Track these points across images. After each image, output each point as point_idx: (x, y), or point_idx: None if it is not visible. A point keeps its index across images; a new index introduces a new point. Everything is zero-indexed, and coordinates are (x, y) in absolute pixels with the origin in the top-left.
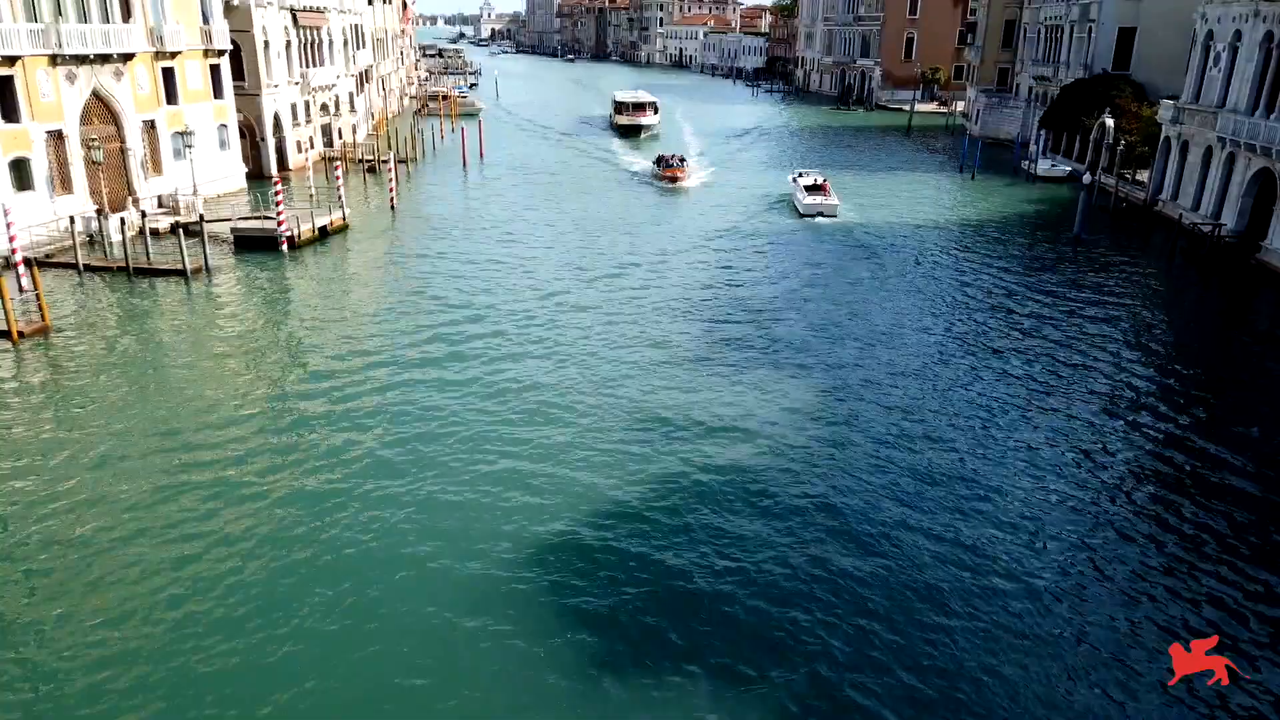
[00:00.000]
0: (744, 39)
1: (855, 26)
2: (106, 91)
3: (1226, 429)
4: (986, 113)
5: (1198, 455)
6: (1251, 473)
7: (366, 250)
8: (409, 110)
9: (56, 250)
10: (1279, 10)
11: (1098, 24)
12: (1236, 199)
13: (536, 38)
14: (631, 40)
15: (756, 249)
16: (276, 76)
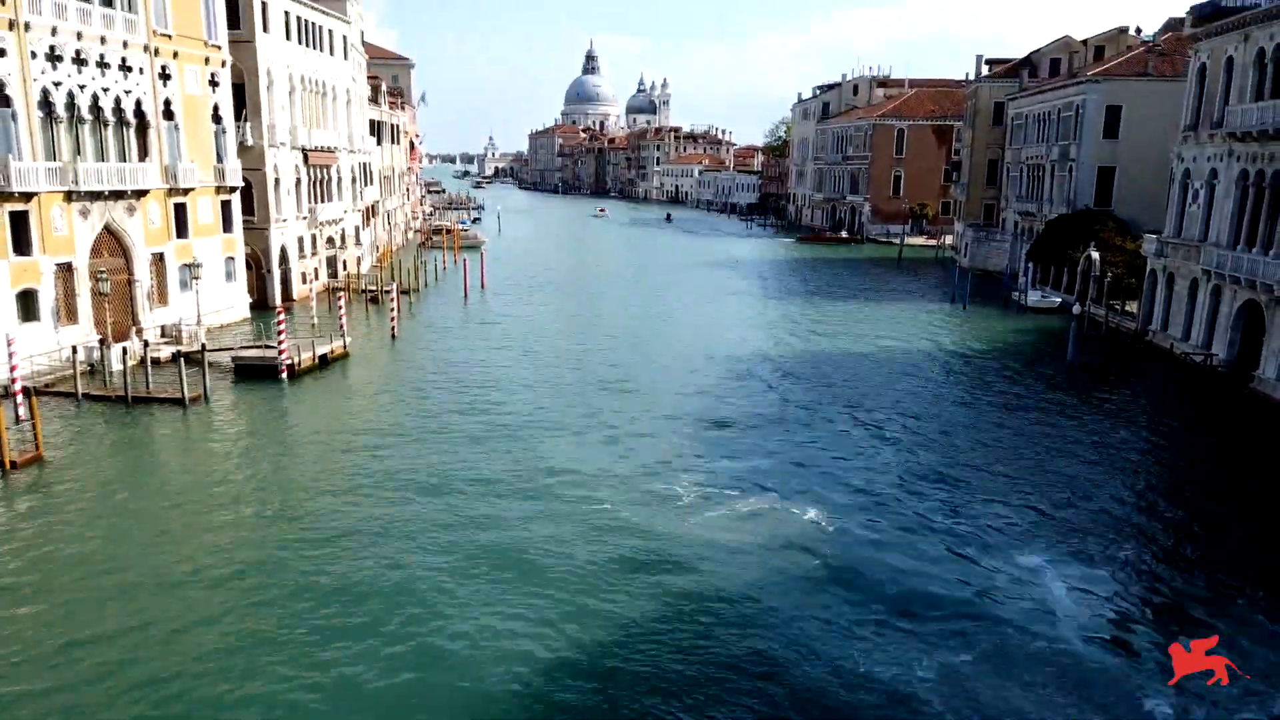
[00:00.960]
0: (738, 176)
1: (844, 165)
2: (118, 226)
3: (1227, 560)
4: (975, 246)
5: (1201, 585)
6: (1260, 605)
7: (365, 378)
8: (413, 243)
9: (57, 379)
10: (1252, 150)
11: (1077, 163)
12: (1226, 330)
13: (538, 175)
14: (630, 177)
15: (756, 374)
16: (285, 211)
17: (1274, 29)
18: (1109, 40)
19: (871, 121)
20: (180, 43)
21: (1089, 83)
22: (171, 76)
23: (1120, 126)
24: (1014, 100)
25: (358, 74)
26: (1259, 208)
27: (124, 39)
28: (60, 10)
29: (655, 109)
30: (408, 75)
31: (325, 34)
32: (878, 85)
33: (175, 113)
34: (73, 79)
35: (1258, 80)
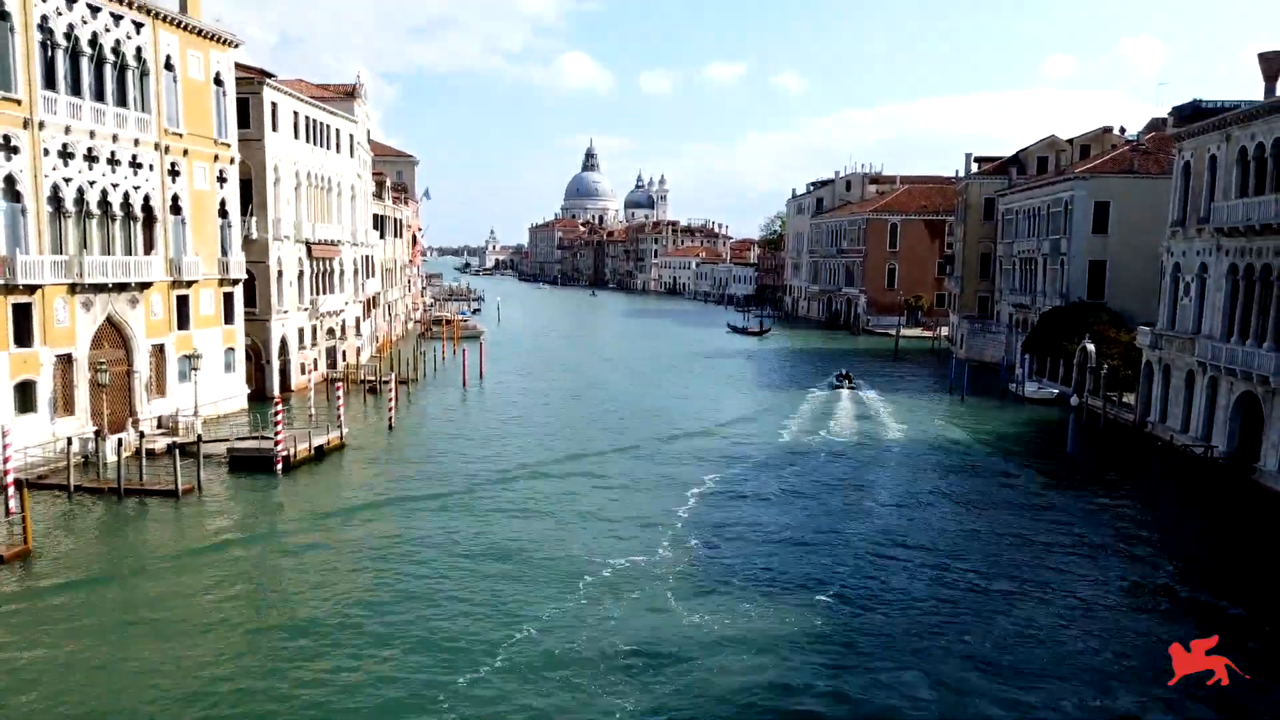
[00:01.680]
0: (734, 269)
1: (839, 259)
2: (120, 318)
3: (1235, 655)
4: (970, 338)
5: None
6: None
7: (360, 470)
8: (413, 334)
9: (50, 471)
10: (1240, 244)
11: (1069, 257)
12: (1224, 421)
13: (538, 267)
14: (628, 269)
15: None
16: (287, 303)
17: (1254, 129)
18: (1094, 139)
19: (865, 216)
20: (191, 141)
21: (1077, 180)
22: (181, 173)
23: (1109, 222)
24: (1004, 196)
25: (363, 170)
26: (1250, 300)
27: (136, 137)
28: (75, 110)
29: (653, 204)
30: (412, 171)
31: (333, 133)
32: (870, 182)
33: (183, 207)
34: (83, 175)
35: (1241, 177)
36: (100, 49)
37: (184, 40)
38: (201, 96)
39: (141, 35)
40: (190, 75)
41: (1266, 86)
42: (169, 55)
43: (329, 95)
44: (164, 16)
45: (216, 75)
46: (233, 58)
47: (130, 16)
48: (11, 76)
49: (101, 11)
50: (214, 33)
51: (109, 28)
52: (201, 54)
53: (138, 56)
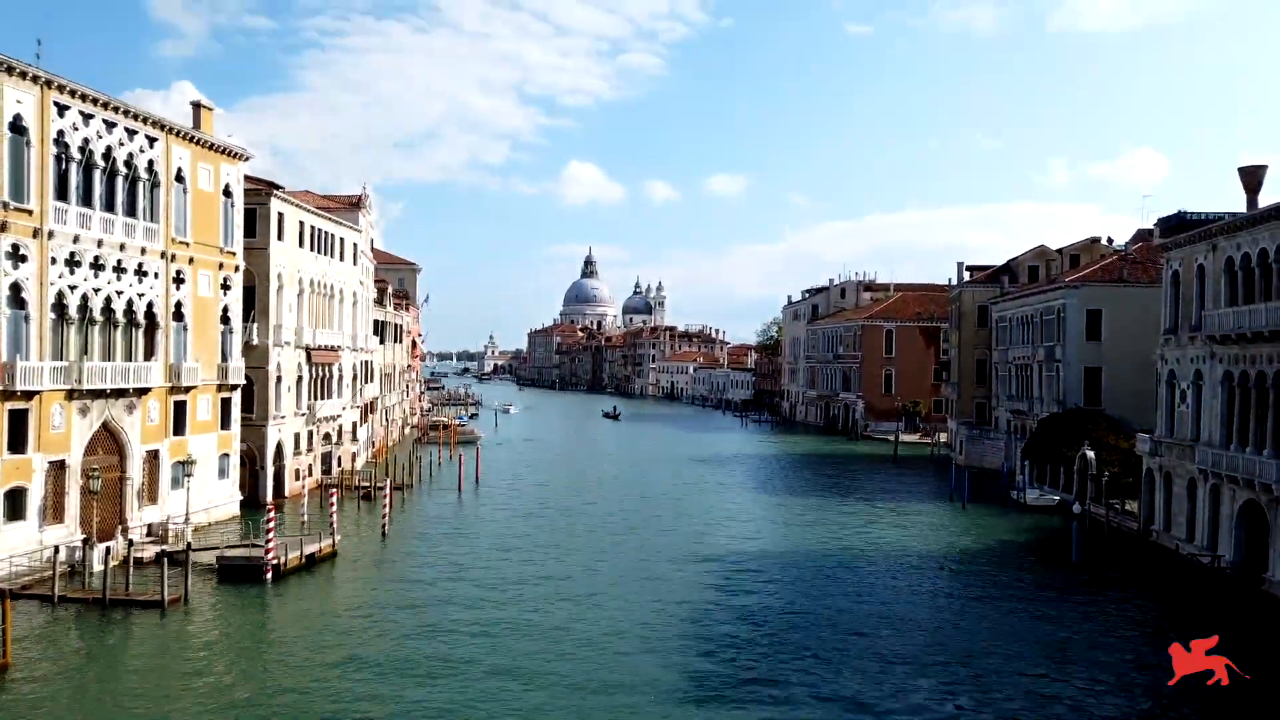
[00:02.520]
0: (732, 373)
1: (836, 364)
2: (116, 424)
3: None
4: (969, 444)
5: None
6: None
7: (351, 580)
8: (410, 439)
9: (35, 581)
10: (1233, 352)
11: (1064, 364)
12: (1229, 530)
13: (536, 372)
14: (626, 374)
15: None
16: (284, 409)
17: (1239, 239)
18: (1083, 249)
19: (860, 322)
20: (197, 249)
21: (1068, 288)
22: (185, 280)
23: (1102, 329)
24: (996, 304)
25: (365, 277)
26: (1247, 407)
27: (143, 245)
28: (84, 220)
29: (651, 309)
30: (414, 278)
31: (337, 241)
32: (864, 289)
33: (185, 314)
34: (88, 283)
35: (1230, 286)
36: (114, 162)
37: (196, 154)
38: (210, 207)
39: (155, 149)
40: (200, 187)
41: (1249, 199)
42: (180, 168)
43: (335, 205)
44: (178, 132)
45: (226, 187)
46: (242, 170)
47: (145, 132)
48: (25, 188)
49: (117, 127)
50: (225, 147)
51: (123, 142)
52: (212, 167)
53: (150, 169)
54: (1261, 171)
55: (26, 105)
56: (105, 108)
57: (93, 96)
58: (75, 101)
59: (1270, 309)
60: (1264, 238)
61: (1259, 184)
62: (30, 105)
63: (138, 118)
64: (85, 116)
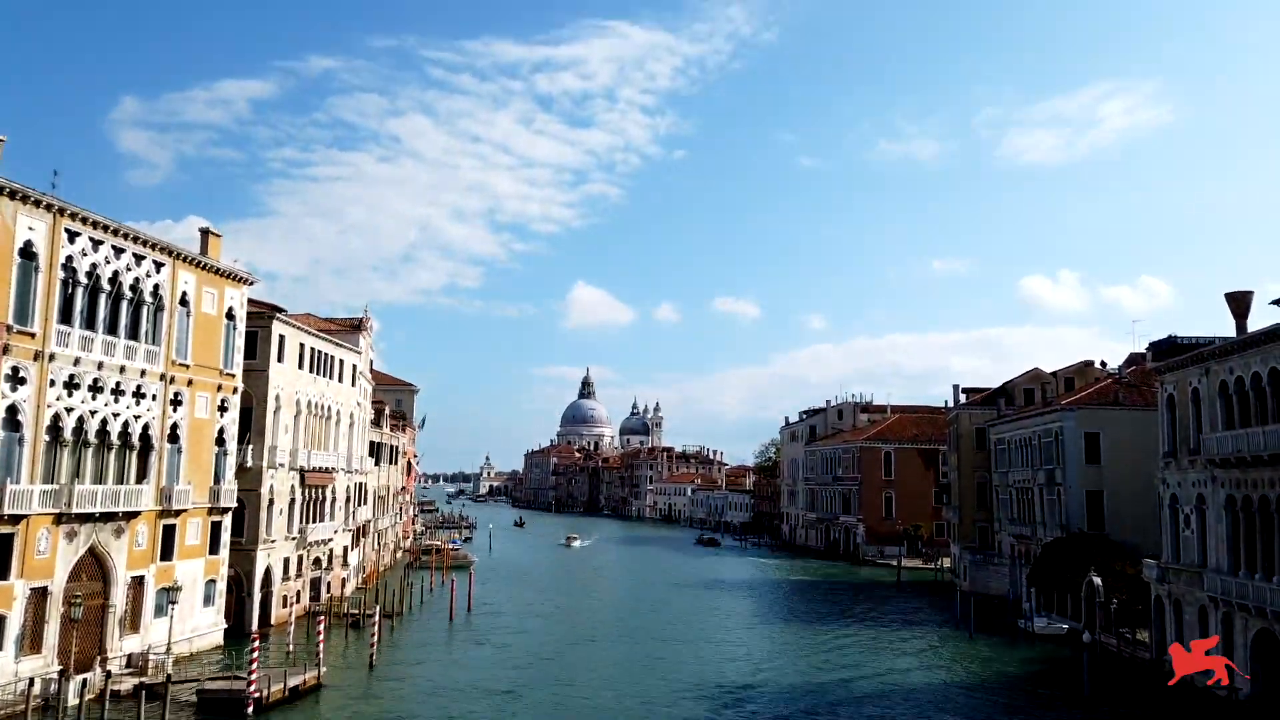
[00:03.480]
0: (730, 495)
1: (835, 486)
2: (103, 549)
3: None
4: (973, 569)
5: None
6: None
7: (335, 713)
8: (402, 563)
9: (7, 716)
10: (1234, 476)
11: (1065, 488)
12: (1244, 660)
13: (532, 493)
14: (623, 496)
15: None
16: (275, 533)
17: (1231, 363)
18: (1077, 372)
19: (859, 444)
20: (197, 371)
21: (1064, 411)
22: (183, 402)
23: (1101, 452)
24: (994, 426)
25: (363, 399)
26: (1253, 532)
27: (143, 368)
28: (86, 343)
29: (648, 430)
30: (411, 399)
31: (336, 363)
32: (861, 410)
33: (181, 436)
34: (86, 405)
35: (1225, 409)
36: (119, 286)
37: (201, 278)
38: (212, 330)
39: (161, 274)
40: (204, 310)
41: (1237, 324)
42: (186, 292)
43: (336, 328)
44: (185, 257)
45: (229, 310)
46: (246, 294)
47: (153, 257)
48: (30, 311)
49: (125, 252)
50: (230, 271)
51: (131, 267)
52: (216, 291)
53: (154, 293)
54: (1248, 297)
55: (38, 232)
56: (115, 234)
57: (104, 224)
58: (86, 228)
59: (1269, 432)
60: (1255, 361)
61: (1246, 309)
62: (42, 232)
63: (146, 243)
64: (95, 242)
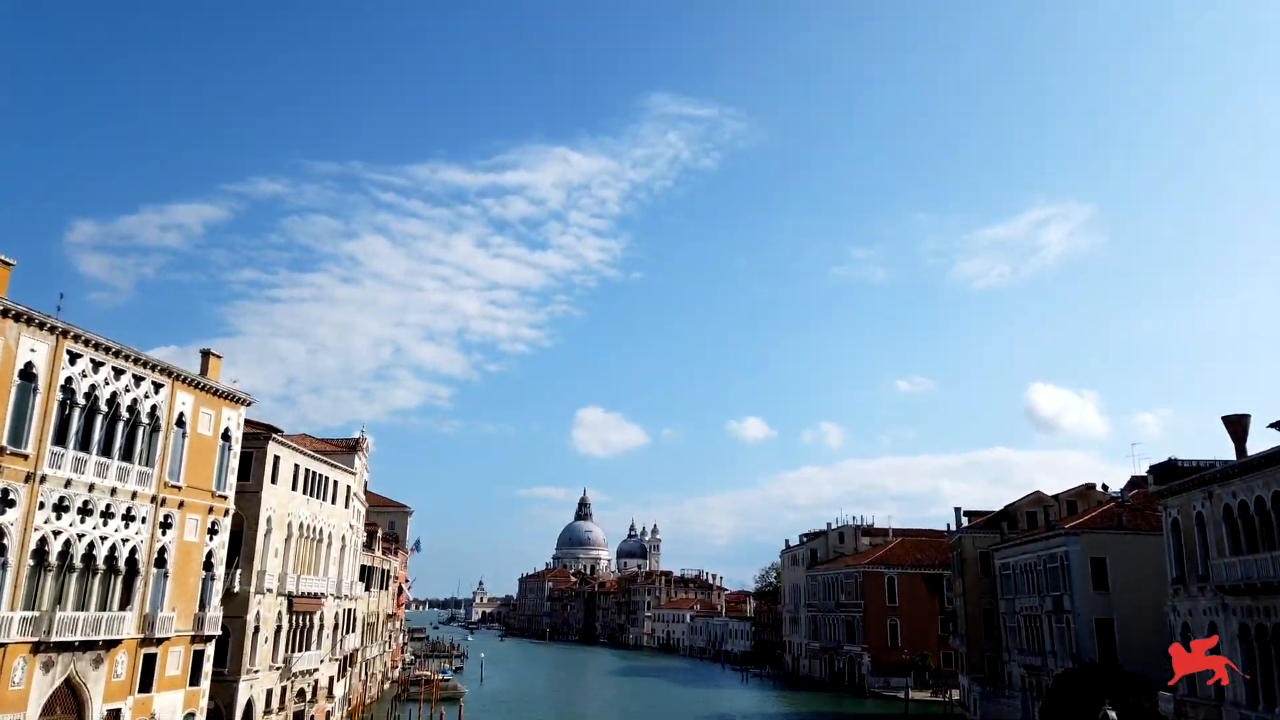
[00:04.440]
0: (730, 622)
1: (838, 612)
2: (79, 679)
3: None
4: (984, 702)
5: None
6: None
7: None
8: (390, 694)
9: None
10: (1245, 603)
11: (1073, 615)
12: None
13: (526, 620)
14: (620, 623)
15: None
16: (259, 662)
17: (1234, 486)
18: (1079, 495)
19: (861, 569)
20: (189, 493)
21: (1068, 535)
22: (173, 525)
23: (1108, 577)
24: (998, 551)
25: (356, 521)
26: (1269, 662)
27: (135, 490)
28: (79, 465)
29: (645, 553)
30: (405, 521)
31: (330, 484)
32: (862, 534)
33: (168, 560)
34: (74, 528)
35: (1231, 534)
36: (117, 407)
37: (199, 399)
38: (207, 451)
39: (160, 395)
40: (200, 431)
41: (1236, 447)
42: (183, 413)
43: (331, 449)
44: (184, 379)
45: (225, 431)
46: (243, 414)
47: (152, 378)
48: (25, 433)
49: (125, 374)
50: (229, 393)
51: (129, 388)
52: (214, 412)
53: (151, 414)
54: (1245, 420)
55: (40, 354)
56: (117, 356)
57: (106, 346)
58: (88, 350)
59: (1277, 558)
60: (1258, 485)
61: (1244, 432)
62: (43, 354)
63: (147, 365)
64: (96, 364)
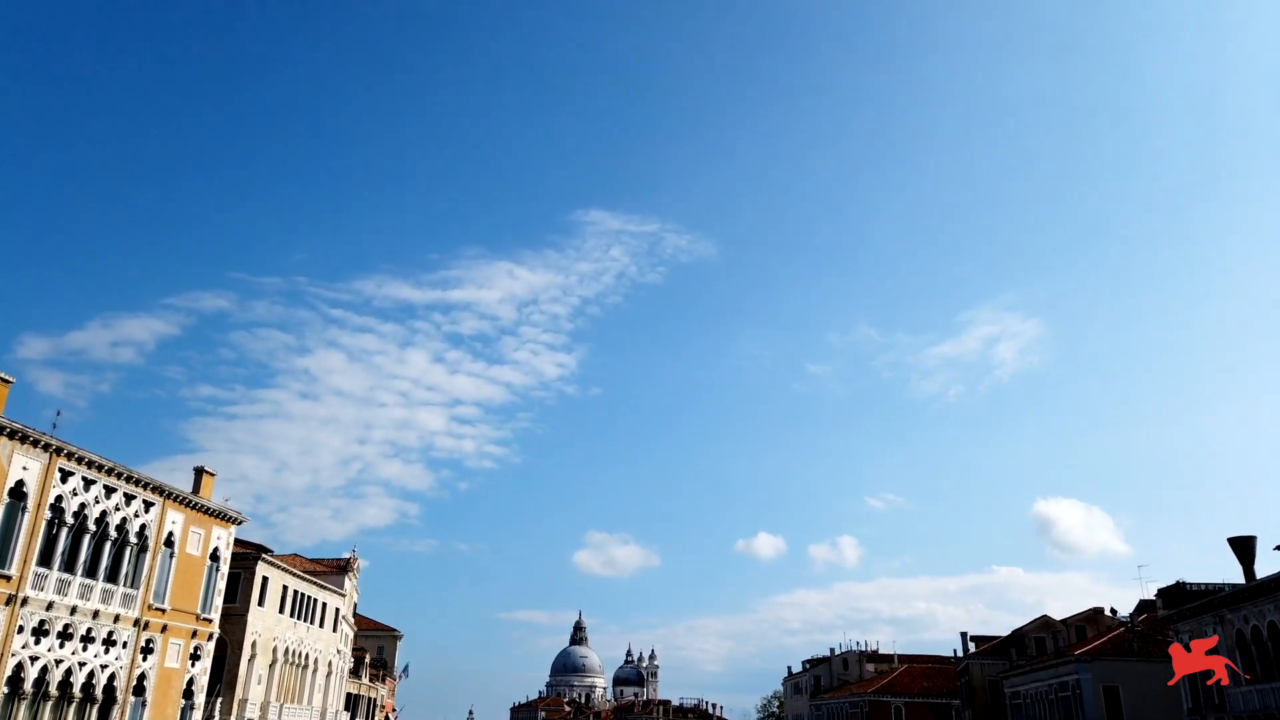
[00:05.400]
0: None
1: None
2: None
3: None
4: None
5: None
6: None
7: None
8: None
9: None
10: None
11: None
12: None
13: None
14: None
15: None
16: None
17: (1245, 611)
18: (1087, 620)
19: (867, 697)
20: (173, 616)
21: (1079, 662)
22: (154, 649)
23: (1123, 708)
24: (1008, 679)
25: (344, 645)
26: None
27: (117, 613)
28: (63, 587)
29: (643, 681)
30: (394, 645)
31: (319, 607)
32: (867, 660)
33: (147, 688)
34: (52, 654)
35: (1245, 661)
36: (105, 526)
37: (190, 517)
38: (194, 572)
39: (150, 513)
40: (188, 551)
41: (1245, 570)
42: (172, 532)
43: (321, 569)
44: (176, 497)
45: (214, 550)
46: (233, 534)
47: (143, 497)
48: (9, 553)
49: (116, 492)
50: (220, 511)
51: (119, 507)
52: (204, 531)
53: (140, 534)
54: (1252, 542)
55: (31, 471)
56: (110, 474)
57: (100, 464)
58: (80, 468)
59: None
60: (1269, 610)
61: (1252, 555)
62: (35, 471)
63: (139, 483)
64: (87, 482)
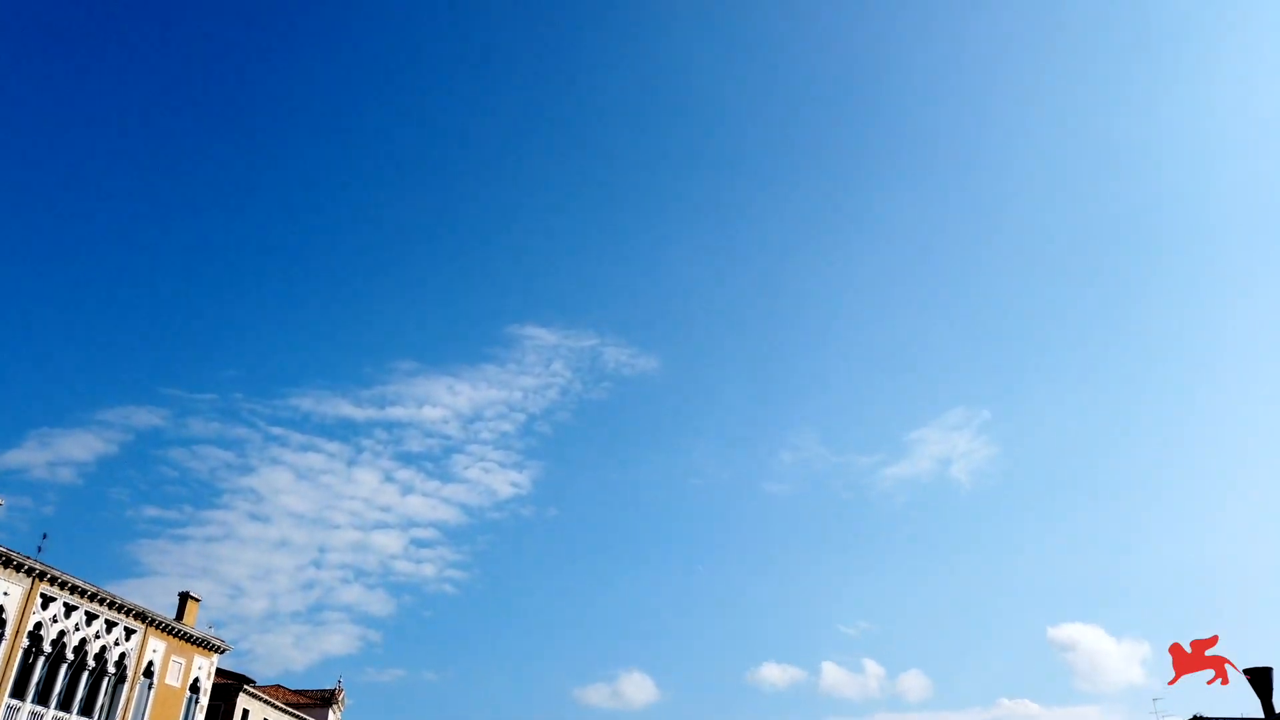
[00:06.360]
0: None
1: None
2: None
3: None
4: None
5: None
6: None
7: None
8: None
9: None
10: None
11: None
12: None
13: None
14: None
15: None
16: None
17: None
18: None
19: None
20: None
21: None
22: None
23: None
24: None
25: None
26: None
27: None
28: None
29: None
30: None
31: None
32: None
33: None
34: None
35: None
36: (84, 655)
37: (171, 645)
38: (173, 704)
39: (130, 641)
40: (167, 681)
41: (1263, 703)
42: (152, 661)
43: (305, 702)
44: (159, 624)
45: (195, 681)
46: (215, 663)
47: (125, 624)
48: None
49: (98, 619)
50: (203, 639)
51: (100, 634)
52: (185, 660)
53: (119, 663)
54: (1268, 674)
55: (13, 597)
56: (92, 599)
57: (82, 589)
58: (63, 593)
59: None
60: None
61: (1269, 687)
62: (16, 597)
63: (122, 609)
64: (69, 608)
